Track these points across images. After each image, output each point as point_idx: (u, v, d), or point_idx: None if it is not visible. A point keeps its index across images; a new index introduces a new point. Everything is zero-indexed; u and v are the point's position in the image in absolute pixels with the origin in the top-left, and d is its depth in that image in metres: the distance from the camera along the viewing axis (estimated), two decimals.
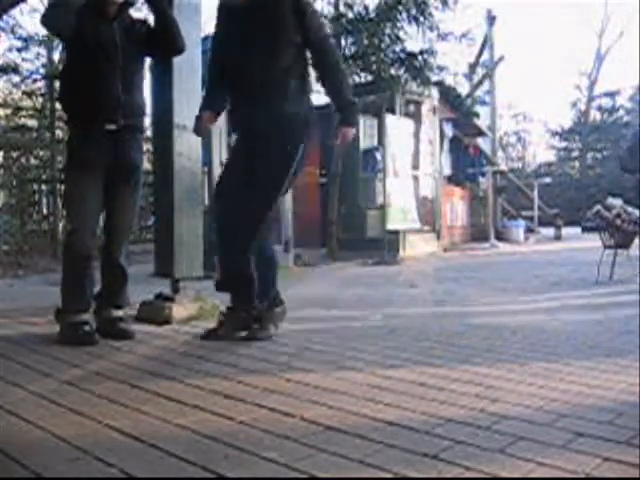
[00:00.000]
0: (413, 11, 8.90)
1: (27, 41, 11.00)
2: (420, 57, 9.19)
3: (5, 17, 9.82)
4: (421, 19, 8.98)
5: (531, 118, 31.47)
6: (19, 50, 11.07)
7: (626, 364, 2.56)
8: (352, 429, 1.78)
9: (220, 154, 6.70)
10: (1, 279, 6.45)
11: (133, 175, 3.30)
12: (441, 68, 9.88)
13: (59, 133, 10.92)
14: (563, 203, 20.26)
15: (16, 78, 11.36)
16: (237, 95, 3.19)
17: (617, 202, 6.05)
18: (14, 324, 3.59)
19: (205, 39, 6.14)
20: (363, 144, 10.47)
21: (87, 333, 3.09)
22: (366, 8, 9.04)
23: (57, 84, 10.47)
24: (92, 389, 2.22)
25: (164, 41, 3.29)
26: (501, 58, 14.36)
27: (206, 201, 6.43)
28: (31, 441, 1.72)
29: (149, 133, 5.71)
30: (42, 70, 11.50)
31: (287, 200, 7.57)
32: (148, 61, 3.56)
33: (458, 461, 1.55)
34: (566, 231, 14.20)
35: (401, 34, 9.11)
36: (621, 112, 27.38)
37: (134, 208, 3.40)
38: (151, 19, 3.37)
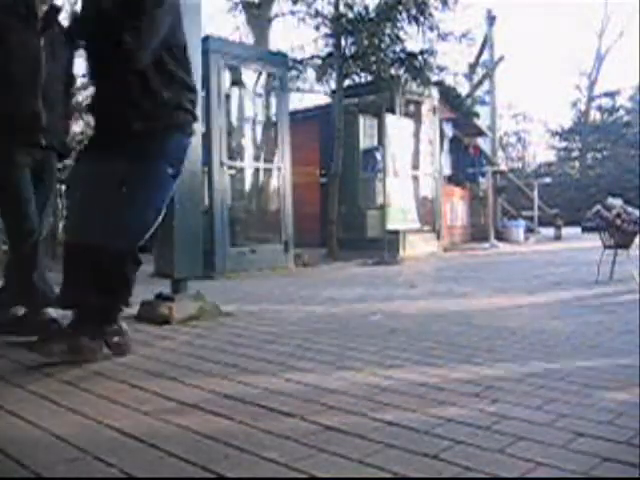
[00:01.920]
0: (413, 11, 8.91)
1: None
2: (420, 57, 9.19)
3: None
4: (421, 19, 8.99)
5: (531, 118, 31.53)
6: None
7: (626, 364, 2.56)
8: (352, 429, 1.79)
9: (220, 154, 6.70)
10: (1, 279, 6.44)
11: (48, 176, 3.24)
12: (441, 68, 9.88)
13: None
14: (563, 203, 20.28)
15: None
16: None
17: (617, 202, 6.05)
18: None
19: (205, 39, 6.16)
20: (363, 144, 10.49)
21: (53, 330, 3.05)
22: (366, 8, 9.05)
23: None
24: (92, 389, 2.22)
25: None
26: (501, 58, 14.37)
27: (206, 201, 6.44)
28: (31, 441, 1.72)
29: None
30: None
31: (287, 200, 7.57)
32: None
33: (458, 461, 1.55)
34: (566, 231, 14.20)
35: (401, 34, 9.12)
36: (621, 112, 27.41)
37: (49, 207, 3.36)
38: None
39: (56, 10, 3.11)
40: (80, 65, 3.44)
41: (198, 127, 3.65)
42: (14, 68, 2.95)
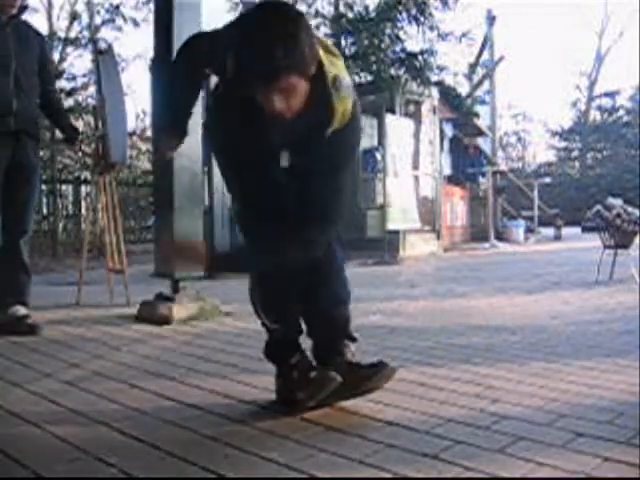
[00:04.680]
0: (413, 11, 8.92)
1: None
2: (420, 57, 9.21)
3: None
4: (421, 19, 9.00)
5: (531, 118, 31.59)
6: None
7: (626, 364, 2.55)
8: (352, 429, 1.78)
9: None
10: None
11: (32, 175, 3.37)
12: (441, 68, 9.90)
13: (59, 133, 10.89)
14: (563, 203, 20.29)
15: None
16: None
17: (617, 202, 6.05)
18: None
19: None
20: (363, 144, 10.48)
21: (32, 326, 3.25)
22: (366, 8, 9.06)
23: (57, 84, 10.49)
24: (92, 389, 2.22)
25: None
26: (501, 58, 14.38)
27: (206, 201, 6.44)
28: (31, 441, 1.72)
29: (149, 133, 5.74)
30: None
31: None
32: (148, 61, 3.61)
33: (458, 461, 1.55)
34: (566, 231, 14.20)
35: (401, 34, 9.13)
36: (621, 112, 27.41)
37: (33, 207, 3.49)
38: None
39: (23, 7, 3.32)
40: (79, 66, 3.56)
41: (198, 127, 3.66)
42: None
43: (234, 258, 2.33)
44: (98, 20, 12.44)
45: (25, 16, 3.41)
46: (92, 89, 11.75)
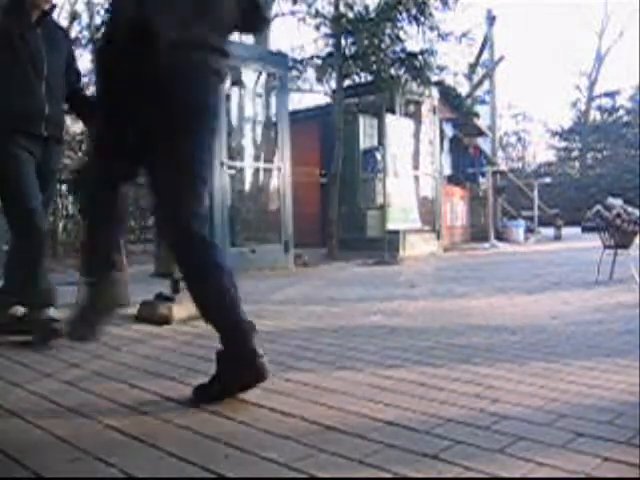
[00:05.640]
0: (413, 11, 8.92)
1: None
2: (420, 57, 9.20)
3: None
4: (421, 19, 9.00)
5: (531, 118, 31.60)
6: None
7: (626, 364, 2.55)
8: (352, 429, 1.78)
9: (220, 154, 6.70)
10: (1, 279, 6.44)
11: (52, 179, 3.37)
12: (441, 68, 9.89)
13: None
14: (563, 203, 20.29)
15: None
16: None
17: (617, 202, 6.05)
18: None
19: None
20: (363, 144, 10.49)
21: (55, 330, 3.03)
22: (366, 8, 9.05)
23: None
24: (92, 389, 2.22)
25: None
26: (501, 58, 14.37)
27: (206, 201, 6.43)
28: (31, 441, 1.72)
29: None
30: None
31: (287, 200, 7.57)
32: None
33: (458, 461, 1.55)
34: (566, 231, 14.19)
35: (401, 34, 9.13)
36: (621, 112, 27.43)
37: (49, 210, 3.53)
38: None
39: (51, 7, 3.27)
40: (79, 66, 3.53)
41: None
42: (21, 66, 3.08)
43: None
44: (98, 20, 12.43)
45: None
46: (92, 89, 11.74)
